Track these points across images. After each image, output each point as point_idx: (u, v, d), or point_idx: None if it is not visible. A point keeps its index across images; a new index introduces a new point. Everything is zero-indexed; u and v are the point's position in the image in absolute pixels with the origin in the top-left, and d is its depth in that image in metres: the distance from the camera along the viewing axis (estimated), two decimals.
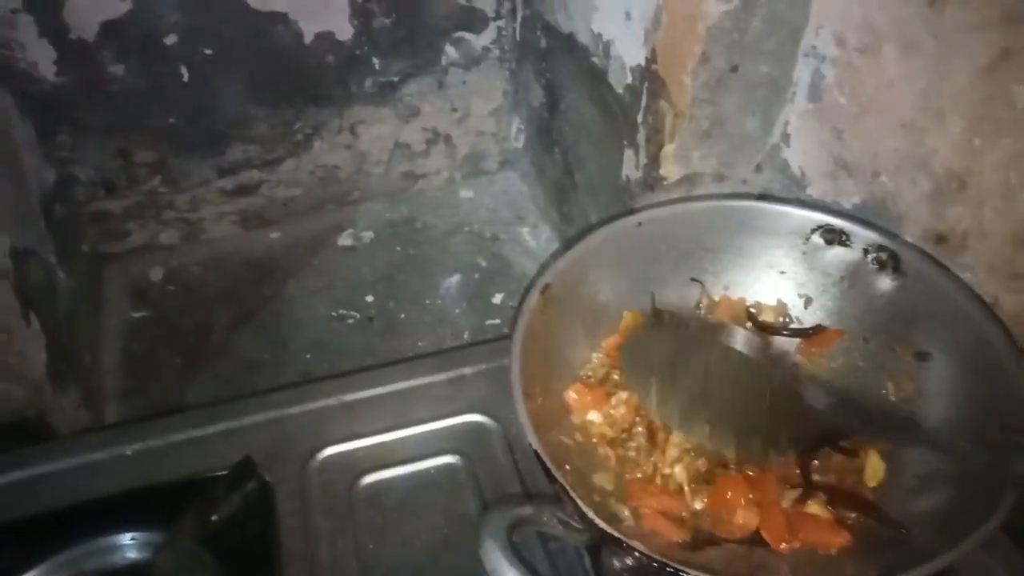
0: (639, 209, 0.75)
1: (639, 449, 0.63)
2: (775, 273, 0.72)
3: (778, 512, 0.58)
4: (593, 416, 0.65)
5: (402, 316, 1.19)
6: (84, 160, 1.16)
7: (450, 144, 1.36)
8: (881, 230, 0.68)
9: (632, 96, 0.89)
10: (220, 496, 0.65)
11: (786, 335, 0.71)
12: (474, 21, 1.24)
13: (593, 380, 0.67)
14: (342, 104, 1.25)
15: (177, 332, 1.17)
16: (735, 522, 0.58)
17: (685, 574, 0.49)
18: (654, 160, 0.87)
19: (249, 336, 1.16)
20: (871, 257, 0.67)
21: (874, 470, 0.60)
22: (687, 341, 0.64)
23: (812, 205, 0.76)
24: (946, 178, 0.65)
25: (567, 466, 0.58)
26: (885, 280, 0.67)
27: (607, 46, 0.93)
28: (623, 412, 0.64)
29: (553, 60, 1.13)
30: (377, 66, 1.23)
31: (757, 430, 0.59)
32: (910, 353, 0.65)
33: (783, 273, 0.72)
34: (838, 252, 0.69)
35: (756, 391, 0.60)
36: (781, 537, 0.57)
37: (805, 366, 0.69)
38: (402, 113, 1.29)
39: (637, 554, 0.51)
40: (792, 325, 0.72)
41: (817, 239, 0.70)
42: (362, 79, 1.24)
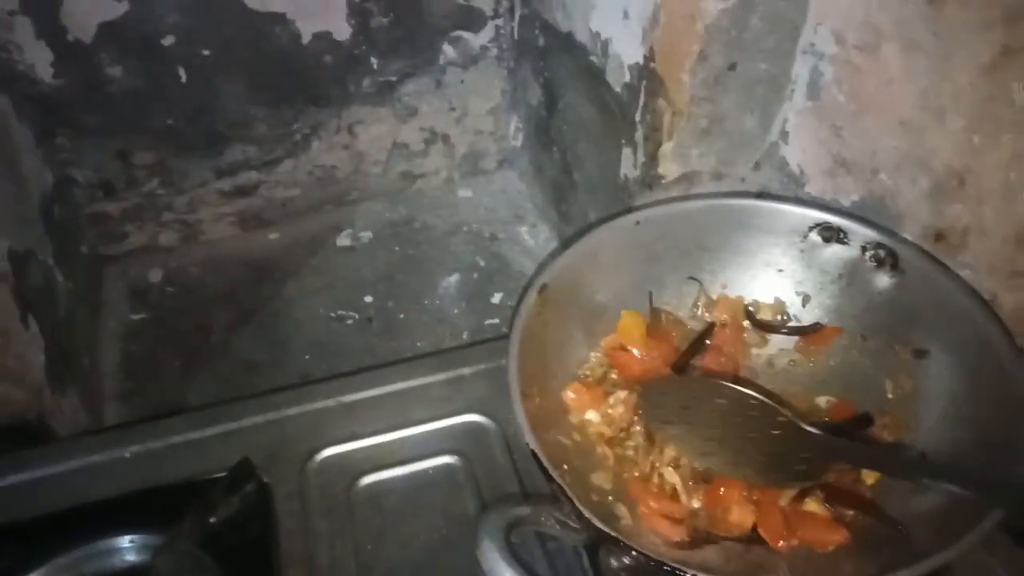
0: (637, 208, 0.75)
1: (637, 448, 0.63)
2: (773, 271, 0.72)
3: (776, 510, 0.58)
4: (591, 415, 0.65)
5: (401, 316, 1.19)
6: (83, 162, 1.16)
7: (448, 143, 1.36)
8: (879, 228, 0.68)
9: (630, 95, 0.89)
10: (219, 498, 0.65)
11: (784, 333, 0.71)
12: (472, 20, 1.24)
13: (591, 379, 0.67)
14: (340, 104, 1.25)
15: (176, 333, 1.17)
16: (731, 520, 0.58)
17: (683, 573, 0.49)
18: (652, 159, 0.87)
19: (248, 337, 1.16)
20: (869, 255, 0.67)
21: None
22: (698, 389, 0.64)
23: (809, 203, 0.76)
24: (946, 176, 0.65)
25: (565, 466, 0.58)
26: (883, 278, 0.67)
27: (605, 45, 0.93)
28: (621, 411, 0.64)
29: (551, 59, 1.12)
30: (375, 66, 1.23)
31: (773, 464, 0.59)
32: (909, 351, 0.65)
33: (781, 271, 0.72)
34: (836, 250, 0.69)
35: (766, 430, 0.60)
36: (779, 535, 0.57)
37: (803, 364, 0.70)
38: (400, 113, 1.29)
39: (635, 553, 0.51)
40: (790, 323, 0.72)
41: (815, 237, 0.70)
42: (360, 79, 1.23)
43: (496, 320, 1.17)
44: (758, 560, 0.57)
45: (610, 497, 0.60)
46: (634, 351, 0.69)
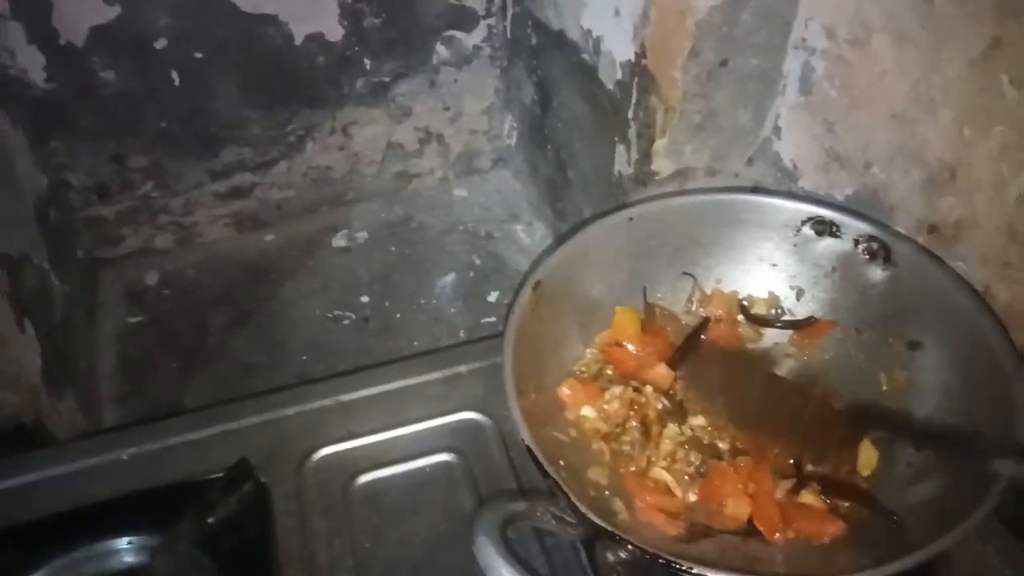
0: (631, 204, 0.75)
1: (633, 443, 0.63)
2: (767, 266, 0.72)
3: (772, 503, 0.58)
4: (587, 411, 0.65)
5: (397, 316, 1.19)
6: (77, 165, 1.16)
7: (443, 143, 1.36)
8: (871, 221, 0.68)
9: (623, 92, 0.90)
10: (216, 498, 0.64)
11: (779, 327, 0.71)
12: (464, 19, 1.24)
13: (586, 376, 0.67)
14: (334, 105, 1.25)
15: (173, 335, 1.18)
16: (727, 513, 0.58)
17: (679, 566, 0.49)
18: (646, 155, 0.87)
19: (245, 338, 1.16)
20: (862, 248, 0.67)
21: (867, 459, 0.61)
22: (739, 366, 0.67)
23: (802, 197, 0.76)
24: (938, 169, 0.65)
25: (561, 461, 0.58)
26: (876, 271, 0.67)
27: (597, 42, 0.93)
28: (616, 407, 0.64)
29: (544, 57, 1.13)
30: (368, 66, 1.23)
31: (804, 439, 0.62)
32: (902, 343, 0.65)
33: (775, 265, 0.72)
34: (829, 243, 0.69)
35: (798, 406, 0.63)
36: (775, 527, 0.57)
37: (798, 358, 0.70)
38: (394, 113, 1.29)
39: (631, 547, 0.51)
40: (784, 317, 0.72)
41: (808, 231, 0.70)
42: (354, 80, 1.24)
43: (492, 318, 1.18)
44: (755, 553, 0.57)
45: (606, 492, 0.60)
46: (629, 347, 0.69)
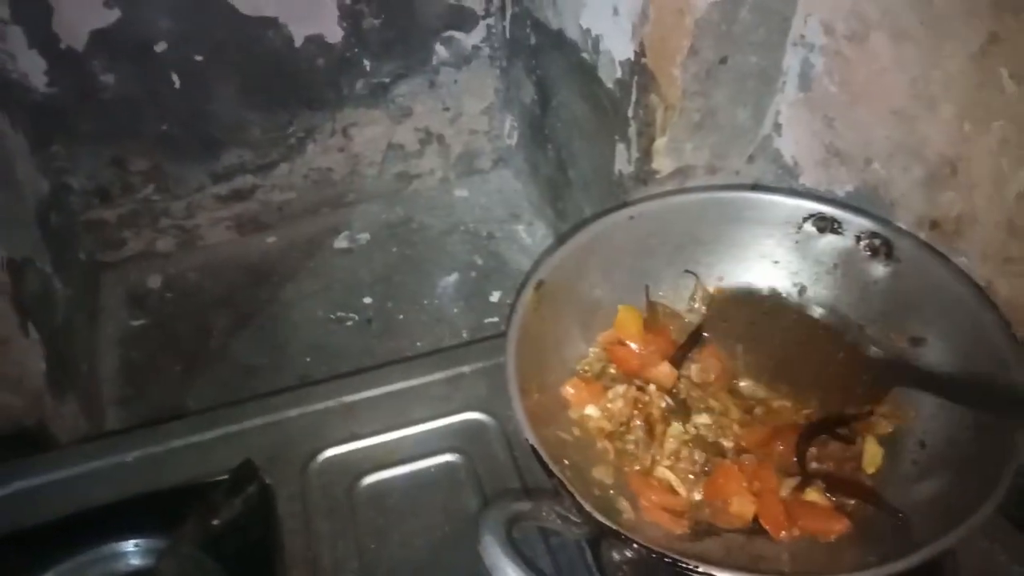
0: (632, 203, 0.75)
1: (637, 442, 0.63)
2: (768, 263, 0.72)
3: (777, 501, 0.58)
4: (590, 410, 0.65)
5: (400, 317, 1.19)
6: (78, 169, 1.16)
7: (443, 144, 1.36)
8: (873, 217, 0.68)
9: (622, 90, 0.90)
10: (221, 500, 0.65)
11: None
12: (463, 20, 1.24)
13: (589, 375, 0.67)
14: (334, 107, 1.25)
15: (175, 338, 1.18)
16: (732, 512, 0.58)
17: (684, 565, 0.49)
18: (646, 154, 0.87)
19: (247, 341, 1.16)
20: (863, 244, 0.67)
21: (872, 457, 0.61)
22: (764, 311, 0.67)
23: (803, 194, 0.76)
24: (938, 164, 0.65)
25: (565, 461, 0.58)
26: (878, 267, 0.67)
27: (596, 41, 0.93)
28: (620, 406, 0.64)
29: (543, 57, 1.13)
30: (368, 68, 1.23)
31: (833, 386, 0.62)
32: (905, 339, 0.65)
33: (776, 263, 0.72)
34: (830, 240, 0.69)
35: (829, 352, 0.64)
36: (780, 525, 0.57)
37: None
38: (394, 114, 1.29)
39: (636, 546, 0.51)
40: None
41: (809, 228, 0.70)
42: (353, 81, 1.24)
43: (495, 318, 1.18)
44: (760, 551, 0.57)
45: (611, 491, 0.60)
46: (632, 345, 0.69)
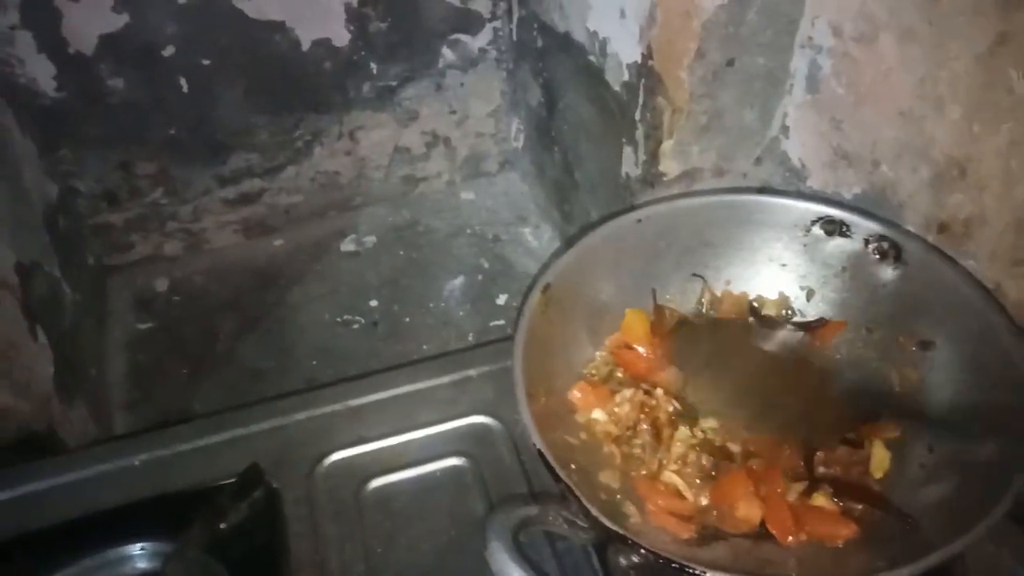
0: (639, 206, 0.75)
1: (644, 446, 0.63)
2: (776, 266, 0.72)
3: (784, 505, 0.58)
4: (597, 414, 0.64)
5: (406, 320, 1.19)
6: (86, 173, 1.17)
7: (450, 146, 1.36)
8: (881, 220, 0.68)
9: (629, 93, 0.89)
10: (228, 504, 0.65)
11: (790, 328, 0.71)
12: (470, 23, 1.24)
13: (596, 378, 0.67)
14: (341, 110, 1.25)
15: (182, 342, 1.18)
16: (739, 516, 0.58)
17: (691, 570, 0.49)
18: (653, 156, 0.87)
19: (254, 344, 1.17)
20: (872, 247, 0.67)
21: (880, 461, 0.60)
22: (728, 339, 0.65)
23: (811, 197, 0.76)
24: (946, 166, 0.65)
25: (572, 465, 0.58)
26: (887, 270, 0.66)
27: (603, 44, 0.93)
28: (627, 410, 0.64)
29: (550, 59, 1.12)
30: (375, 71, 1.23)
31: (797, 419, 0.60)
32: (914, 342, 0.64)
33: (784, 266, 0.72)
34: (839, 243, 0.69)
35: (793, 384, 0.62)
36: (788, 530, 0.57)
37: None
38: (401, 117, 1.29)
39: (643, 551, 0.51)
40: (795, 318, 0.71)
41: (817, 231, 0.69)
42: (360, 84, 1.24)
43: (501, 321, 1.18)
44: (767, 556, 0.56)
45: (618, 496, 0.60)
46: (639, 349, 0.69)
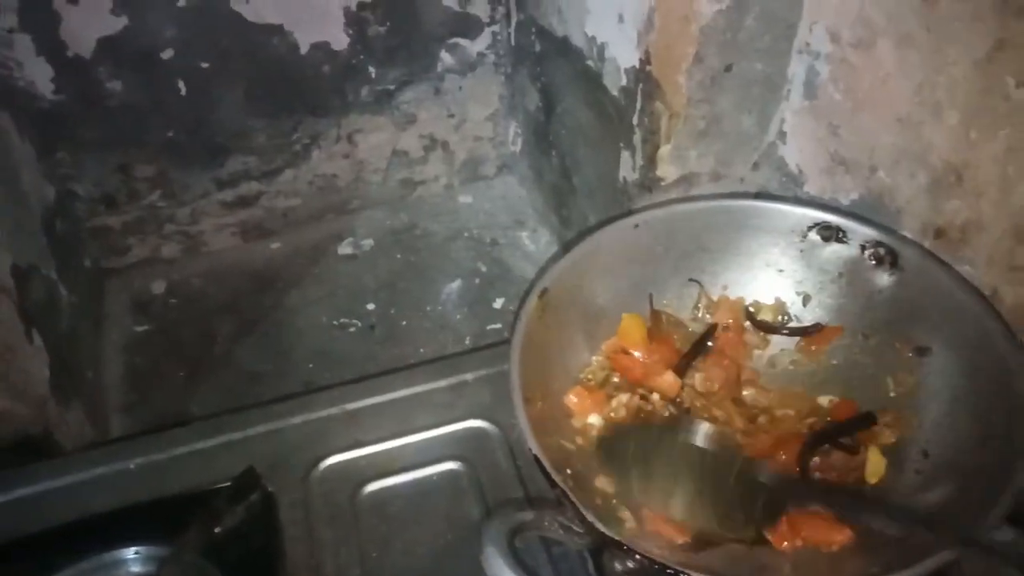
0: (637, 211, 0.75)
1: None
2: (773, 271, 0.72)
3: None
4: (594, 419, 0.64)
5: (403, 323, 1.19)
6: (84, 176, 1.17)
7: (448, 150, 1.36)
8: (878, 226, 0.68)
9: (627, 98, 0.89)
10: (223, 508, 0.65)
11: (785, 334, 0.71)
12: (469, 27, 1.24)
13: (593, 383, 0.67)
14: (339, 113, 1.25)
15: (179, 345, 1.18)
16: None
17: (687, 575, 0.49)
18: (651, 161, 0.87)
19: (251, 347, 1.16)
20: (868, 253, 0.67)
21: (875, 467, 0.60)
22: (654, 438, 0.65)
23: (808, 203, 0.76)
24: (943, 171, 0.65)
25: (568, 470, 0.58)
26: (883, 276, 0.67)
27: (601, 49, 0.93)
28: (623, 415, 0.64)
29: (548, 64, 1.13)
30: (373, 74, 1.23)
31: (731, 508, 0.60)
32: (910, 348, 0.65)
33: (781, 271, 0.72)
34: (835, 249, 0.69)
35: (721, 476, 0.62)
36: (783, 536, 0.57)
37: (805, 364, 0.70)
38: (399, 121, 1.29)
39: (639, 557, 0.51)
40: (791, 324, 0.71)
41: (814, 236, 0.70)
42: (358, 88, 1.24)
43: (498, 325, 1.18)
44: (762, 561, 0.57)
45: (614, 501, 0.60)
46: (635, 354, 0.69)
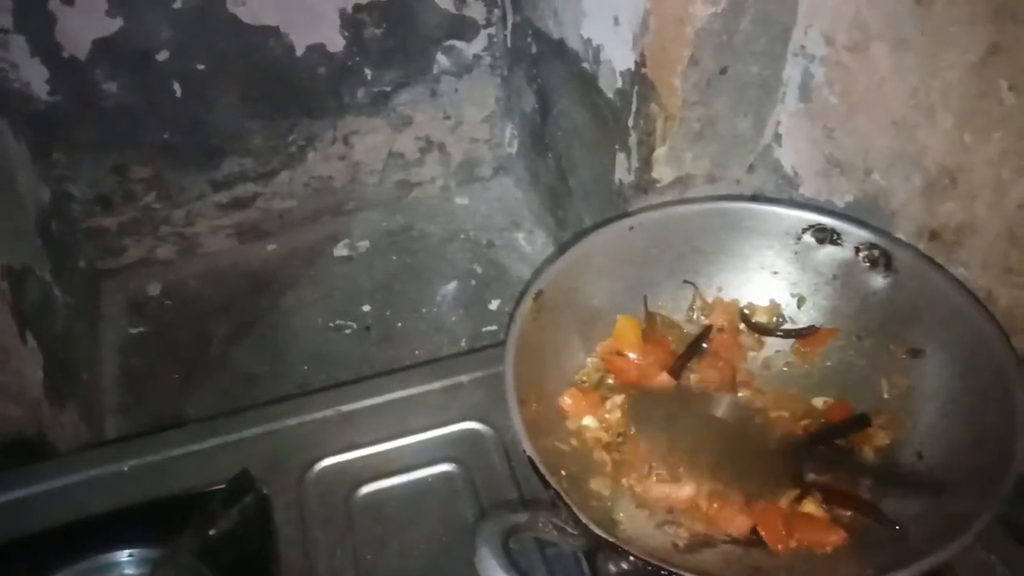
0: (632, 213, 0.75)
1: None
2: (768, 274, 0.72)
3: (775, 512, 0.58)
4: (588, 421, 0.65)
5: (399, 325, 1.19)
6: (79, 177, 1.16)
7: (444, 152, 1.36)
8: (872, 228, 0.68)
9: (623, 100, 0.90)
10: (218, 510, 0.64)
11: (780, 336, 0.71)
12: (465, 29, 1.24)
13: (587, 385, 0.67)
14: (335, 115, 1.25)
15: (175, 346, 1.18)
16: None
17: None
18: (646, 163, 0.87)
19: (247, 348, 1.16)
20: (862, 255, 0.67)
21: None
22: (681, 404, 0.67)
23: (803, 205, 0.76)
24: (938, 174, 0.65)
25: (563, 472, 0.58)
26: (877, 278, 0.67)
27: (597, 51, 0.93)
28: (618, 416, 0.64)
29: (544, 66, 1.13)
30: (369, 76, 1.23)
31: (751, 473, 0.62)
32: (904, 350, 0.65)
33: (776, 273, 0.72)
34: (830, 251, 0.69)
35: (742, 442, 0.64)
36: (778, 537, 0.57)
37: (799, 366, 0.70)
38: (395, 122, 1.29)
39: (633, 558, 0.51)
40: (786, 325, 0.72)
41: (809, 239, 0.70)
42: (354, 89, 1.24)
43: (494, 327, 1.18)
44: (757, 562, 0.57)
45: (608, 502, 0.60)
46: (630, 355, 0.69)
